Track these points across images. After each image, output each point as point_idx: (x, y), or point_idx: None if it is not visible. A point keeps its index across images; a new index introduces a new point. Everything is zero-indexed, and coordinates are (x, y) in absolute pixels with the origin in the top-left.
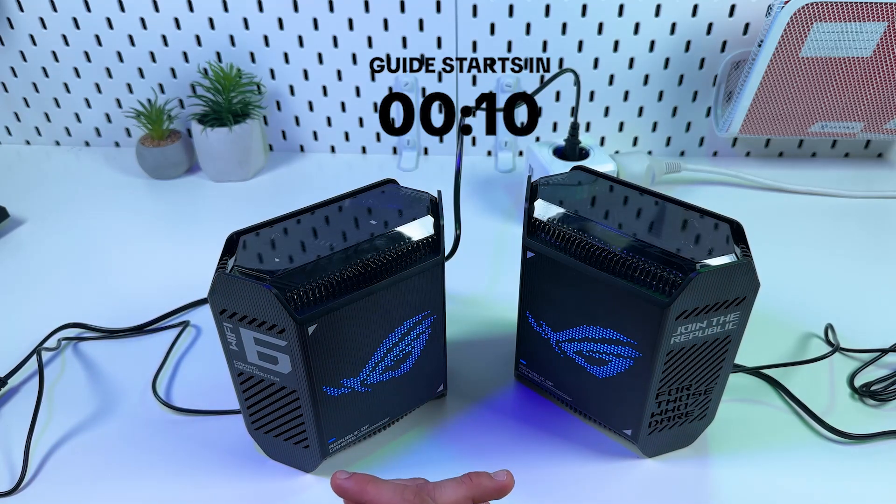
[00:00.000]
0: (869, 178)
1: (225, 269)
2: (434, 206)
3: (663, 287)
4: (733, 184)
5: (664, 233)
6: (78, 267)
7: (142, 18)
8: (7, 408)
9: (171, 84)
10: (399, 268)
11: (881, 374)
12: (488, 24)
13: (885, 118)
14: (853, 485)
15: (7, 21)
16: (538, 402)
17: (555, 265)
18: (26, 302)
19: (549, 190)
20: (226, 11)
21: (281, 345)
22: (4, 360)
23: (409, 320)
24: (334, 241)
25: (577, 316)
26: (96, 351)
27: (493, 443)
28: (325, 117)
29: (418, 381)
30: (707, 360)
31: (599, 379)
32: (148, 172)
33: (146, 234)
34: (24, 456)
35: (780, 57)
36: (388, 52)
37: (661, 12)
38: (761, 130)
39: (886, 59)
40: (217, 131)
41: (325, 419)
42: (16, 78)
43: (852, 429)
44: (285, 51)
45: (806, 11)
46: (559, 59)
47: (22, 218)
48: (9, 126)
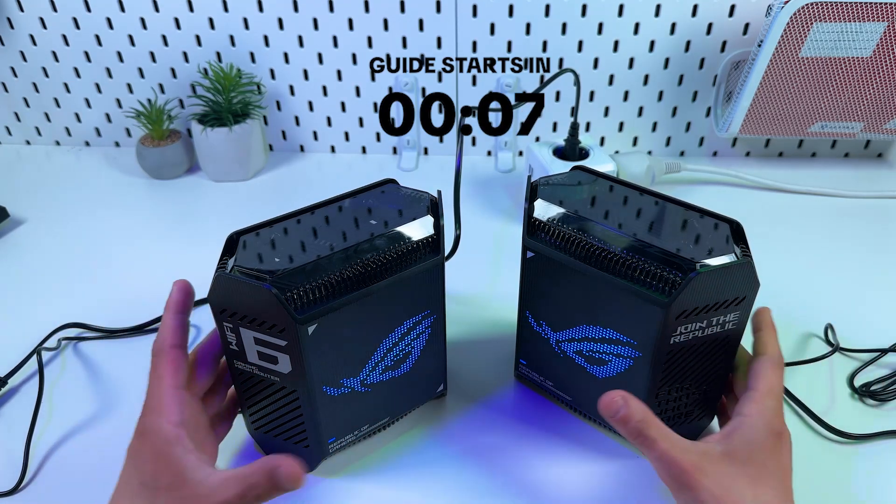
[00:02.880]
0: (869, 178)
1: (225, 269)
2: (434, 206)
3: (663, 287)
4: (733, 184)
5: (664, 233)
6: (78, 267)
7: (142, 18)
8: (7, 408)
9: (171, 84)
10: (399, 268)
11: (881, 373)
12: (488, 24)
13: (885, 118)
14: (853, 485)
15: (7, 21)
16: (538, 402)
17: (555, 265)
18: (26, 302)
19: (549, 190)
20: (226, 11)
21: (281, 345)
22: (4, 360)
23: (409, 320)
24: (334, 241)
25: (577, 316)
26: (96, 351)
27: (493, 443)
28: (325, 117)
29: (418, 381)
30: (707, 359)
31: (599, 379)
32: (148, 172)
33: (146, 234)
34: (24, 456)
35: (780, 57)
36: (388, 52)
37: (661, 12)
38: (761, 130)
39: (886, 59)
40: (217, 131)
41: (324, 419)
42: (16, 78)
43: (852, 429)
44: (285, 51)
45: (806, 11)
46: (559, 59)
47: (22, 218)
48: (9, 126)
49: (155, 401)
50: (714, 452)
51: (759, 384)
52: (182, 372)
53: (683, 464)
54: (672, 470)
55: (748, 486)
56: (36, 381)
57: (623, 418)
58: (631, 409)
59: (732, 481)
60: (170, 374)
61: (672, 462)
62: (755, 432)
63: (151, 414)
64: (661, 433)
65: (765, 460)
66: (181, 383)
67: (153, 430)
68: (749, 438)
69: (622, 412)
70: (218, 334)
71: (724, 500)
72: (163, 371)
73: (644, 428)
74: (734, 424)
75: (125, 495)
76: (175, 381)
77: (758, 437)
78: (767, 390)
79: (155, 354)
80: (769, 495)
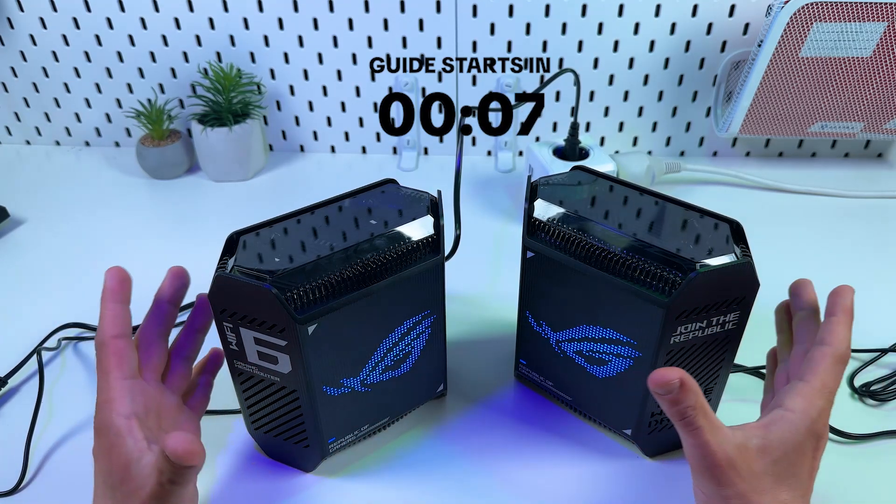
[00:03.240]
0: (869, 178)
1: (225, 269)
2: (434, 206)
3: (663, 287)
4: (733, 184)
5: (664, 233)
6: (78, 267)
7: (142, 18)
8: (7, 408)
9: (171, 84)
10: (399, 268)
11: (881, 374)
12: (488, 24)
13: (885, 118)
14: (853, 485)
15: (7, 21)
16: (538, 402)
17: (555, 265)
18: (26, 302)
19: (549, 190)
20: (226, 11)
21: (281, 345)
22: (4, 360)
23: (409, 320)
24: (334, 241)
25: (577, 316)
26: None
27: (493, 443)
28: (325, 117)
29: (418, 381)
30: (707, 359)
31: (599, 379)
32: (148, 172)
33: (146, 234)
34: (24, 456)
35: (780, 57)
36: (388, 52)
37: (661, 12)
38: (761, 130)
39: (886, 59)
40: (217, 131)
41: (324, 419)
42: (16, 78)
43: (852, 429)
44: (285, 51)
45: (806, 11)
46: (559, 59)
47: (22, 218)
48: (9, 126)
49: (103, 395)
50: (751, 447)
51: (814, 378)
52: (127, 361)
53: (718, 457)
54: (706, 460)
55: (772, 484)
56: (36, 381)
57: (674, 400)
58: (685, 392)
59: (759, 480)
60: (115, 365)
61: (709, 454)
62: (795, 432)
63: (102, 409)
64: (706, 421)
65: (796, 461)
66: (128, 373)
67: (106, 426)
68: (786, 437)
69: (673, 395)
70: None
71: (749, 498)
72: (107, 364)
73: (694, 416)
74: (775, 417)
75: (99, 498)
76: (121, 371)
77: (796, 438)
78: (820, 387)
79: (98, 348)
80: (787, 495)
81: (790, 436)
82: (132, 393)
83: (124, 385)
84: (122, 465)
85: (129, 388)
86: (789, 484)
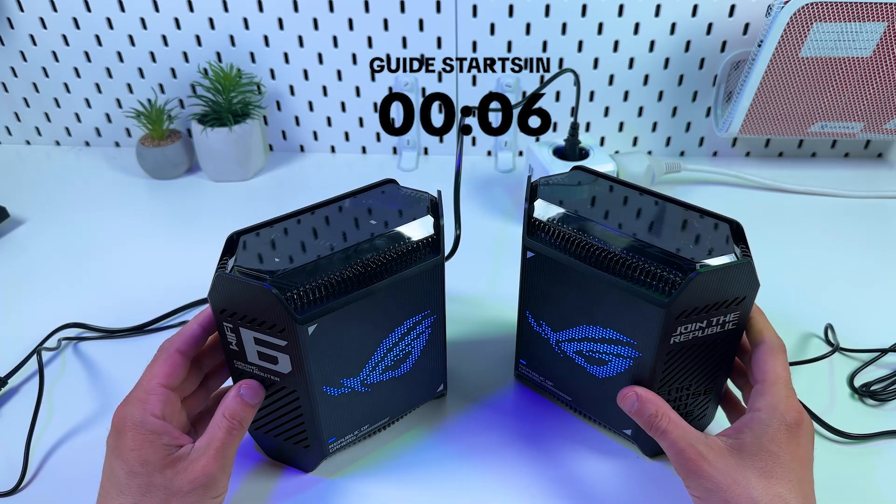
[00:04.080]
0: (869, 178)
1: (225, 269)
2: (434, 206)
3: (663, 287)
4: (733, 184)
5: (664, 233)
6: (78, 267)
7: (142, 18)
8: (7, 408)
9: (171, 84)
10: (399, 268)
11: (881, 374)
12: (488, 24)
13: (885, 118)
14: (853, 485)
15: (7, 21)
16: (538, 402)
17: (555, 265)
18: (26, 302)
19: (549, 190)
20: (226, 11)
21: (281, 345)
22: (4, 360)
23: (409, 320)
24: (334, 241)
25: (577, 316)
26: (96, 351)
27: (493, 443)
28: (325, 117)
29: (418, 381)
30: (707, 360)
31: (599, 379)
32: (148, 172)
33: (146, 234)
34: (24, 456)
35: (780, 57)
36: (388, 52)
37: (661, 12)
38: (761, 130)
39: (886, 59)
40: (217, 131)
41: (325, 419)
42: (16, 78)
43: (852, 429)
44: (285, 51)
45: (806, 11)
46: (559, 59)
47: (22, 218)
48: (9, 126)
49: (140, 392)
50: (719, 445)
51: (765, 375)
52: (176, 376)
53: (689, 453)
54: (680, 458)
55: (759, 478)
56: (36, 381)
57: (637, 412)
58: (643, 404)
59: (740, 474)
60: (164, 373)
61: (680, 451)
62: (765, 426)
63: (133, 404)
64: (671, 424)
65: (777, 453)
66: (171, 385)
67: (136, 421)
68: (759, 433)
69: (636, 407)
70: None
71: (731, 489)
72: (159, 369)
73: (655, 421)
74: (745, 420)
75: (112, 493)
76: (167, 380)
77: (769, 431)
78: (774, 380)
79: (160, 350)
80: (782, 487)
81: (761, 430)
82: (166, 401)
83: (164, 392)
84: (161, 455)
85: (165, 396)
86: (780, 476)
